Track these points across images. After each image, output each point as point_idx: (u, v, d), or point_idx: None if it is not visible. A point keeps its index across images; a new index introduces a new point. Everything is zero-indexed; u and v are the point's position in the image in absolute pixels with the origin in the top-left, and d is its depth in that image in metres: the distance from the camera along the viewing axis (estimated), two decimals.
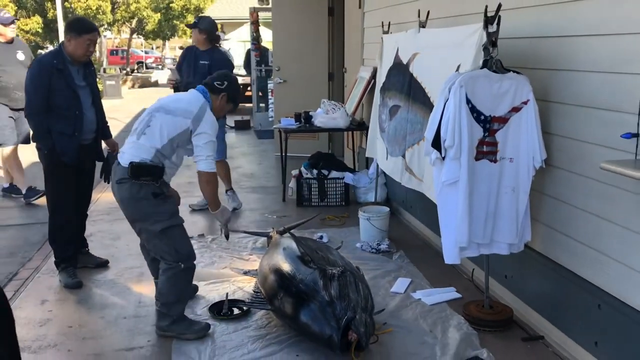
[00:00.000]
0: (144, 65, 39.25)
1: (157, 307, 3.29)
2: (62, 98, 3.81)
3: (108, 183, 3.59)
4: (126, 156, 3.19)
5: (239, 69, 14.02)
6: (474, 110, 2.96)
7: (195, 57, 5.51)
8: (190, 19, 25.03)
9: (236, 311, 3.54)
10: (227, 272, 4.18)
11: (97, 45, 5.66)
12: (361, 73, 6.23)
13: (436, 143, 2.97)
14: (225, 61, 5.58)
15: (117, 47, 40.78)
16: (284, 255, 3.45)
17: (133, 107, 15.79)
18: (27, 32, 20.27)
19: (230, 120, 10.30)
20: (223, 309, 3.53)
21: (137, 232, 3.33)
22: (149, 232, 3.23)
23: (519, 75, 3.01)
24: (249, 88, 13.08)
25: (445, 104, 2.96)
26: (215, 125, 3.28)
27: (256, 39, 11.62)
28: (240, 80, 4.41)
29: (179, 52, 25.24)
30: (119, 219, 4.07)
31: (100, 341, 3.28)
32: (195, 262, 3.35)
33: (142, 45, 46.66)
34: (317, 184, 5.85)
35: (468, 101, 2.93)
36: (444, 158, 2.98)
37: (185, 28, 26.15)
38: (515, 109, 3.02)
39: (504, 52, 3.08)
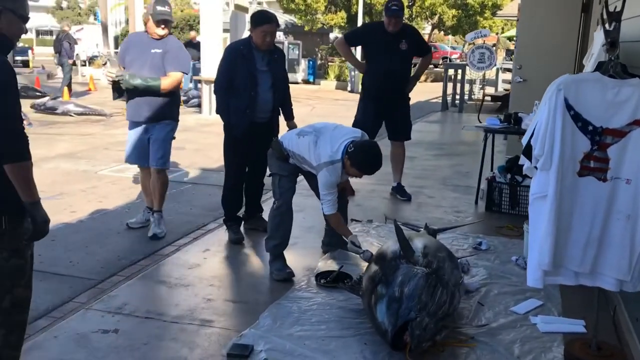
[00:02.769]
0: (449, 59, 39.85)
1: None
2: (242, 79, 4.39)
3: None
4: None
5: None
6: (577, 119, 2.59)
7: None
8: (488, 15, 24.74)
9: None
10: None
11: None
12: None
13: (528, 151, 2.69)
14: None
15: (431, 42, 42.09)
16: (387, 247, 3.48)
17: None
18: (332, 25, 22.65)
19: None
20: (327, 279, 3.77)
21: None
22: None
23: None
24: None
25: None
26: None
27: None
28: None
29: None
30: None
31: (221, 290, 3.78)
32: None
33: (448, 41, 47.32)
34: (509, 189, 5.52)
35: (570, 108, 2.58)
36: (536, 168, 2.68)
37: (489, 24, 25.95)
38: (638, 122, 2.55)
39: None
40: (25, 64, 25.38)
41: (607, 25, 2.55)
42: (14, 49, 2.76)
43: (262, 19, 4.40)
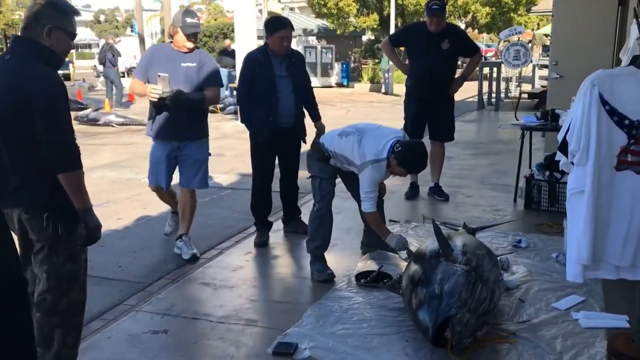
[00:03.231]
0: (484, 57, 39.43)
1: None
2: (261, 86, 4.48)
3: None
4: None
5: None
6: (613, 113, 2.60)
7: None
8: (522, 11, 24.41)
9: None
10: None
11: None
12: None
13: (564, 147, 2.71)
14: None
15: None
16: (426, 246, 3.53)
17: None
18: (364, 28, 22.72)
19: None
20: (367, 278, 3.84)
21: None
22: None
23: None
24: None
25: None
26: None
27: None
28: None
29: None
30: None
31: (264, 291, 3.89)
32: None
33: (483, 39, 46.76)
34: (548, 187, 5.49)
35: (605, 102, 2.59)
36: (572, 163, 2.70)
37: (525, 20, 25.62)
38: None
39: None
40: (67, 77, 26.13)
41: None
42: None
43: (278, 25, 4.48)
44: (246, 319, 3.46)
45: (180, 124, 4.32)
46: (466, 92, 18.14)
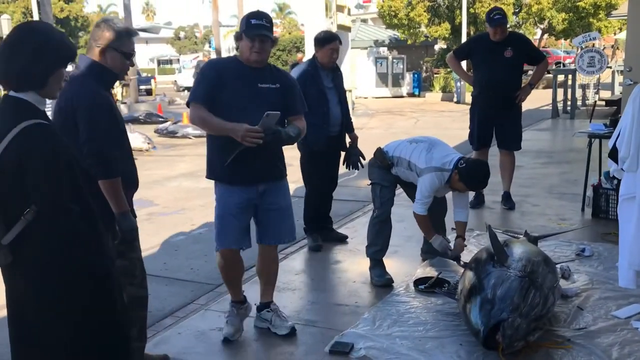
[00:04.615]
0: (562, 64, 38.23)
1: None
2: (313, 98, 4.63)
3: (350, 169, 4.41)
4: None
5: None
6: None
7: None
8: (603, 16, 23.56)
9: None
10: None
11: None
12: None
13: (614, 153, 2.74)
14: None
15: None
16: (482, 252, 3.60)
17: None
18: (436, 37, 22.66)
19: None
20: (426, 284, 3.95)
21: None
22: None
23: None
24: None
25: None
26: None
27: None
28: None
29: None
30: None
31: (324, 294, 4.06)
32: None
33: (562, 45, 45.26)
34: (616, 195, 5.37)
35: None
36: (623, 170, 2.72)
37: (605, 25, 24.73)
38: None
39: None
40: (149, 92, 27.48)
41: None
42: (121, 80, 3.10)
43: (328, 38, 4.77)
44: (306, 319, 3.64)
45: (260, 163, 3.25)
46: (541, 100, 17.75)
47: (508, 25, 5.91)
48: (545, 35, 29.90)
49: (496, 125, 5.97)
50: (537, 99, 17.70)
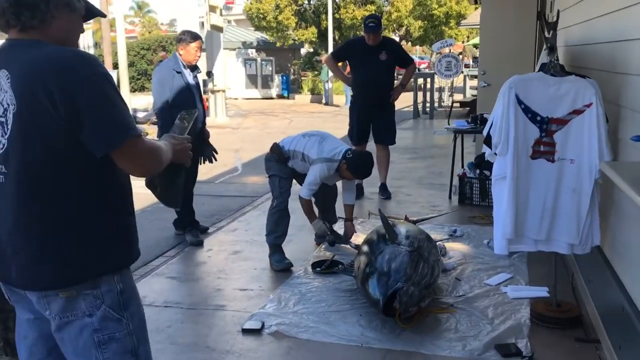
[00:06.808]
0: (417, 69, 40.74)
1: None
2: (183, 93, 4.89)
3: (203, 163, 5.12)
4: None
5: None
6: (528, 111, 3.13)
7: None
8: (453, 24, 25.53)
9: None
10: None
11: None
12: None
13: (488, 140, 3.22)
14: None
15: None
16: (373, 234, 3.98)
17: None
18: (303, 41, 23.42)
19: None
20: (322, 266, 4.26)
21: None
22: None
23: (581, 78, 3.08)
24: None
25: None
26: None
27: None
28: None
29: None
30: None
31: (227, 281, 4.24)
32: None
33: (416, 52, 48.03)
34: (479, 184, 6.07)
35: (520, 102, 3.12)
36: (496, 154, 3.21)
37: (455, 33, 26.79)
38: (577, 112, 3.09)
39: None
40: None
41: (546, 33, 3.09)
42: None
43: (194, 37, 5.05)
44: (215, 304, 3.81)
45: None
46: (402, 102, 18.94)
47: None
48: (403, 42, 31.73)
49: (373, 122, 6.47)
50: (399, 101, 18.91)
